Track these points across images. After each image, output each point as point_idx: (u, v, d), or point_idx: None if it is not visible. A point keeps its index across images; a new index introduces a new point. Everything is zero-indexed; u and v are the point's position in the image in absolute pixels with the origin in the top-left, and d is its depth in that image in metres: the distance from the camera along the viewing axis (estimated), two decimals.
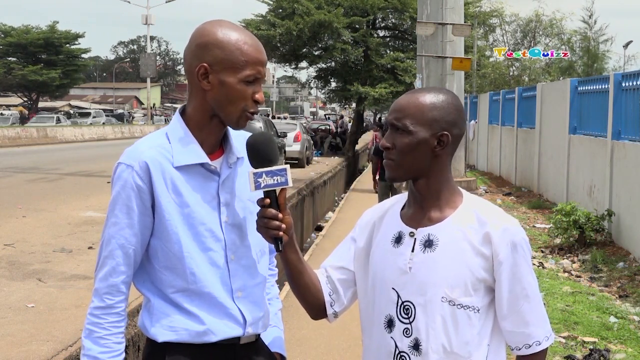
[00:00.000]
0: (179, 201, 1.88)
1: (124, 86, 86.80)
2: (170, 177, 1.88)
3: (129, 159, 1.88)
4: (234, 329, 1.91)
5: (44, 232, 8.48)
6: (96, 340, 1.85)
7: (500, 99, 19.95)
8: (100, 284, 1.88)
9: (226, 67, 1.84)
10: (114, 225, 1.88)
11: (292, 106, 79.60)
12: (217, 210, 1.92)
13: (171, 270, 1.89)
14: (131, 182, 1.86)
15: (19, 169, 18.08)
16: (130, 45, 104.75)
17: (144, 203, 1.87)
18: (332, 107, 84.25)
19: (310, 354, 5.25)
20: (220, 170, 1.93)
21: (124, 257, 1.88)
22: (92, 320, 1.87)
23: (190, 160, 1.89)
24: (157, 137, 1.94)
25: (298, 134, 22.14)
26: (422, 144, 1.78)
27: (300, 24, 23.95)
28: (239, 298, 1.93)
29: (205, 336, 1.89)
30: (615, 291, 7.38)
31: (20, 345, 4.35)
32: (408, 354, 1.78)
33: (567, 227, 9.30)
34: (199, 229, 1.89)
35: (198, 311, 1.88)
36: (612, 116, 9.85)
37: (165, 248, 1.89)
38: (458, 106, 1.83)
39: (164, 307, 1.90)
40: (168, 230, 1.88)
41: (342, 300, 1.96)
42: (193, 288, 1.89)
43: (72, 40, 50.42)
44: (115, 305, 1.87)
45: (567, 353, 5.32)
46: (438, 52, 10.82)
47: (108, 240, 1.89)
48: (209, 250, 1.90)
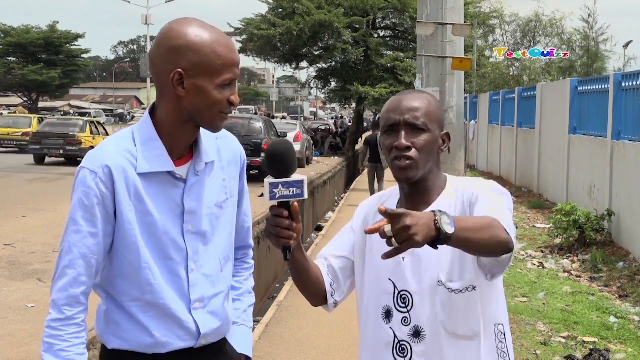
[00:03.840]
0: (141, 209, 1.80)
1: (124, 86, 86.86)
2: (133, 183, 1.80)
3: (92, 164, 1.79)
4: (185, 340, 1.87)
5: (44, 232, 8.48)
6: (57, 353, 1.77)
7: (500, 99, 19.95)
8: (58, 295, 1.79)
9: (202, 71, 1.76)
10: (77, 233, 1.78)
11: (292, 106, 79.45)
12: (180, 219, 1.85)
13: (126, 278, 1.83)
14: (95, 189, 1.77)
15: (19, 169, 18.08)
16: (130, 45, 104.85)
17: (107, 210, 1.79)
18: (332, 107, 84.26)
19: (310, 354, 5.25)
20: (186, 177, 1.85)
21: (86, 267, 1.79)
22: (50, 333, 1.78)
23: (155, 168, 1.81)
24: (123, 140, 1.85)
25: (298, 134, 22.14)
26: (436, 142, 1.86)
27: (300, 23, 23.94)
28: (197, 309, 1.88)
29: (155, 348, 1.85)
30: (615, 291, 7.38)
31: (20, 345, 4.35)
32: (409, 342, 1.81)
33: (567, 227, 9.30)
34: (161, 238, 1.82)
35: (150, 323, 1.83)
36: (612, 116, 9.84)
37: (122, 256, 1.82)
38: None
39: (116, 315, 1.86)
40: (127, 240, 1.80)
41: (343, 290, 1.99)
42: (148, 298, 1.83)
43: (72, 41, 50.35)
44: (74, 316, 1.79)
45: (567, 353, 5.32)
46: (438, 52, 10.81)
47: (69, 248, 1.79)
48: (169, 260, 1.84)
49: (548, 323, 6.08)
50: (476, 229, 1.57)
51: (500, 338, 1.83)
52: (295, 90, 72.31)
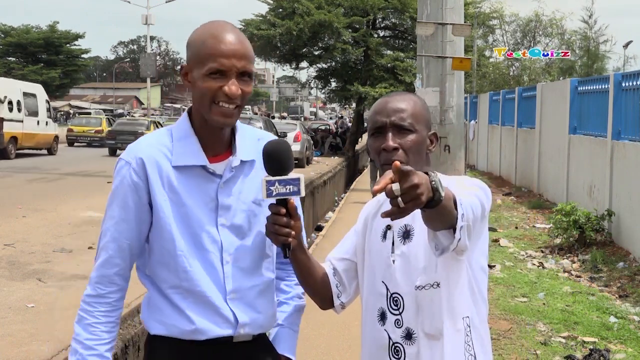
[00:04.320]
0: (175, 200, 1.89)
1: (124, 86, 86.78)
2: (166, 175, 1.89)
3: (128, 155, 1.91)
4: (224, 328, 1.91)
5: (44, 232, 8.48)
6: (86, 326, 1.89)
7: (500, 99, 19.95)
8: (94, 273, 1.92)
9: (194, 63, 1.85)
10: (111, 219, 1.91)
11: (292, 106, 79.48)
12: (215, 212, 1.91)
13: (165, 266, 1.91)
14: (128, 178, 1.89)
15: (19, 169, 18.08)
16: (130, 45, 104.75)
17: (141, 199, 1.89)
18: (332, 107, 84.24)
19: (310, 354, 5.25)
20: (222, 173, 1.92)
21: (118, 250, 1.90)
22: (83, 307, 1.91)
23: (189, 162, 1.89)
24: (161, 135, 1.95)
25: (298, 134, 22.15)
26: (424, 142, 1.86)
27: (300, 23, 23.94)
28: (233, 300, 1.92)
29: (194, 335, 1.90)
30: (615, 291, 7.38)
31: (20, 345, 4.35)
32: (402, 344, 1.82)
33: (567, 227, 9.30)
34: (196, 229, 1.90)
35: (188, 310, 1.89)
36: (612, 116, 9.85)
37: (160, 244, 1.90)
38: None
39: (158, 302, 1.93)
40: (162, 227, 1.89)
41: (349, 292, 2.00)
42: (185, 285, 1.90)
43: (72, 40, 50.39)
44: (106, 295, 1.90)
45: (567, 353, 5.32)
46: (438, 52, 10.80)
47: (105, 232, 1.92)
48: (204, 251, 1.90)
49: (548, 323, 6.08)
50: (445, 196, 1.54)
51: (467, 331, 1.81)
52: (295, 90, 72.32)
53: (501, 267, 8.32)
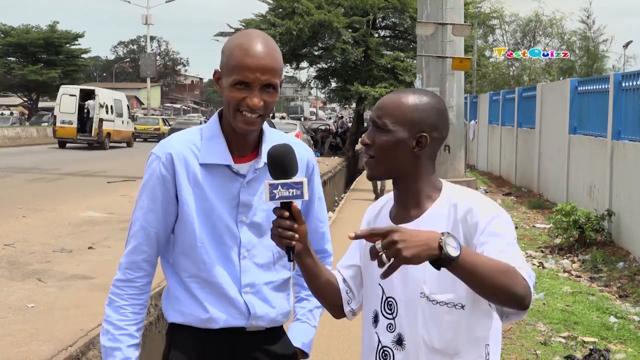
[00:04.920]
0: (199, 194, 2.00)
1: (124, 86, 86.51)
2: (192, 171, 2.00)
3: (159, 150, 2.04)
4: (237, 319, 2.02)
5: (44, 232, 8.48)
6: (116, 308, 2.02)
7: (500, 99, 19.96)
8: (123, 259, 2.05)
9: (224, 71, 1.96)
10: (140, 209, 2.04)
11: (292, 106, 79.46)
12: (236, 210, 2.02)
13: (186, 256, 2.03)
14: (157, 171, 2.01)
15: (19, 169, 18.08)
16: (130, 45, 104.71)
17: (169, 191, 2.01)
18: (332, 107, 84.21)
19: (310, 354, 5.25)
20: (246, 173, 2.02)
21: (146, 238, 2.03)
22: (113, 291, 2.04)
23: (215, 160, 2.01)
24: (191, 134, 2.07)
25: (298, 134, 22.15)
26: (400, 143, 1.78)
27: (300, 23, 23.94)
28: (247, 293, 2.03)
29: (209, 323, 2.02)
30: (615, 291, 7.38)
31: (20, 345, 4.35)
32: (392, 349, 1.80)
33: (567, 227, 9.30)
34: (216, 223, 2.01)
35: (205, 299, 2.01)
36: (612, 116, 9.85)
37: (183, 235, 2.03)
38: (440, 110, 1.83)
39: (177, 291, 2.05)
40: (185, 219, 2.01)
41: (358, 298, 1.99)
42: (203, 276, 2.01)
43: (72, 40, 50.34)
44: (134, 279, 2.03)
45: (567, 353, 5.32)
46: (438, 52, 10.82)
47: (134, 221, 2.05)
48: (223, 245, 2.02)
49: (548, 323, 6.09)
50: (487, 267, 1.52)
51: (487, 358, 1.79)
52: (295, 90, 72.30)
53: None
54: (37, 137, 31.79)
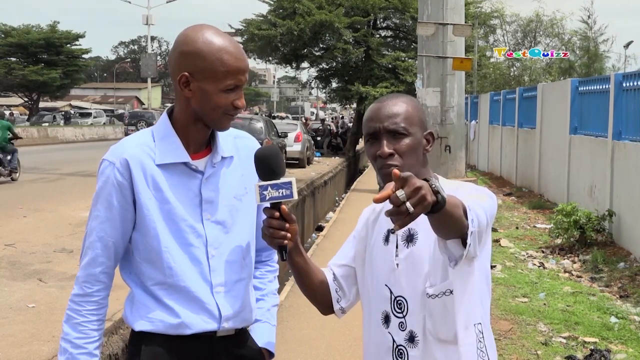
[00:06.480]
0: (159, 197, 1.94)
1: (125, 86, 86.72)
2: (151, 174, 1.94)
3: (111, 156, 1.96)
4: (208, 323, 1.96)
5: (45, 232, 8.48)
6: (74, 325, 1.94)
7: (501, 99, 19.96)
8: (80, 273, 1.97)
9: (207, 76, 1.89)
10: (96, 218, 1.96)
11: (293, 106, 79.54)
12: (199, 208, 1.97)
13: (150, 263, 1.96)
14: (112, 178, 1.93)
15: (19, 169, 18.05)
16: (130, 45, 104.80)
17: (125, 198, 1.94)
18: (333, 107, 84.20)
19: (310, 354, 5.25)
20: (204, 169, 1.98)
21: (103, 248, 1.95)
22: (71, 307, 1.95)
23: (172, 159, 1.95)
24: (143, 136, 2.01)
25: (299, 134, 22.14)
26: (419, 144, 1.86)
27: (301, 23, 23.93)
28: (219, 293, 1.98)
29: (180, 329, 1.95)
30: (616, 291, 7.38)
31: (21, 345, 4.35)
32: (405, 347, 1.84)
33: (567, 227, 9.29)
34: (180, 224, 1.95)
35: (174, 304, 1.94)
36: (612, 116, 9.84)
37: (145, 242, 1.95)
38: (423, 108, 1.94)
39: (143, 299, 1.97)
40: (147, 225, 1.94)
41: (348, 297, 2.02)
42: (170, 282, 1.94)
43: (72, 41, 50.32)
44: (93, 293, 1.95)
45: (568, 353, 5.32)
46: (439, 52, 10.81)
47: (90, 232, 1.97)
48: (189, 246, 1.95)
49: (549, 323, 6.08)
50: (452, 203, 1.54)
51: (479, 337, 1.85)
52: (296, 90, 72.34)
53: (502, 267, 8.32)
54: (38, 138, 31.82)
